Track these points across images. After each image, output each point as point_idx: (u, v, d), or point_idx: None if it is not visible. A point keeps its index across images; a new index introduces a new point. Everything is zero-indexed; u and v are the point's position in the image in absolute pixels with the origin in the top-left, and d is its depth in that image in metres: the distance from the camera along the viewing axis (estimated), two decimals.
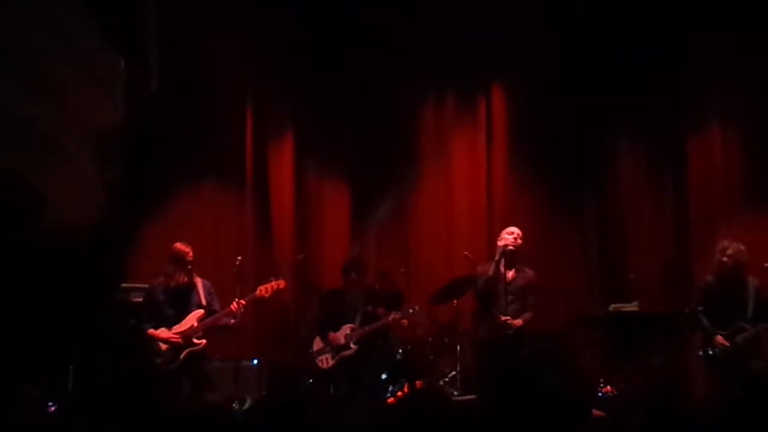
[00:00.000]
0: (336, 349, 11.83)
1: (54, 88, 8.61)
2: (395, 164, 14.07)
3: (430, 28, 13.96)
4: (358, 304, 12.02)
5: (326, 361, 11.84)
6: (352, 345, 11.79)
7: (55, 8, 8.14)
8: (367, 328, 11.85)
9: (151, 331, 11.01)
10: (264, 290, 11.38)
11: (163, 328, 10.92)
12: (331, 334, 11.86)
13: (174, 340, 10.90)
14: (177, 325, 10.91)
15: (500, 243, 11.23)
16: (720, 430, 4.20)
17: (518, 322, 11.09)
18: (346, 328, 11.86)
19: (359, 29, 13.98)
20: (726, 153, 13.85)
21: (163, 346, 10.89)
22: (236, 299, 11.03)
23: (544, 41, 13.85)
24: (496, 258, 11.08)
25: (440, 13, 13.94)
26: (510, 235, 11.15)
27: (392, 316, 11.83)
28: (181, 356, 10.82)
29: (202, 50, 13.41)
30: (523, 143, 14.05)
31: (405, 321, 11.93)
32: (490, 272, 11.13)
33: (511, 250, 11.00)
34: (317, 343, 11.97)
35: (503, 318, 10.99)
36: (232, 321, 11.12)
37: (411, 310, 12.00)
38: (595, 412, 4.78)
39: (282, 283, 11.59)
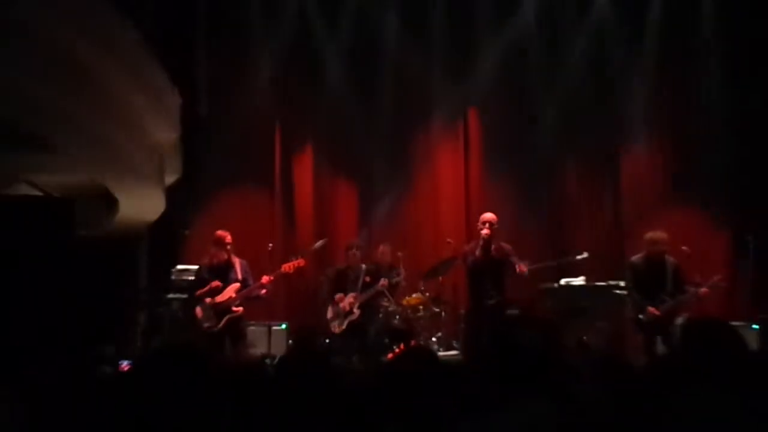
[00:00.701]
0: (344, 315, 11.81)
1: (125, 110, 8.61)
2: (393, 169, 14.00)
3: (420, 60, 13.91)
4: (359, 277, 11.97)
5: (337, 326, 11.82)
6: (355, 310, 11.79)
7: (127, 47, 8.13)
8: (365, 294, 11.81)
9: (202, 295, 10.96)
10: (287, 267, 11.30)
11: (208, 299, 10.89)
12: (338, 296, 11.84)
13: (218, 304, 10.82)
14: (218, 296, 10.86)
15: (482, 233, 11.09)
16: (649, 377, 4.17)
17: (524, 268, 10.89)
18: (350, 297, 11.83)
19: (364, 67, 13.95)
20: (651, 160, 13.94)
21: (202, 313, 10.84)
22: (266, 275, 11.00)
23: (512, 73, 13.84)
24: (481, 244, 10.94)
25: (427, 48, 13.91)
26: (483, 225, 11.01)
27: (381, 282, 11.81)
28: (223, 321, 10.78)
29: (241, 81, 13.41)
30: (493, 154, 14.00)
31: (385, 282, 11.79)
32: (477, 253, 10.97)
33: (487, 236, 10.88)
34: (329, 312, 11.93)
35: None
36: (264, 291, 11.04)
37: (393, 275, 12.01)
38: None
39: (302, 262, 11.53)
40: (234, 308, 10.87)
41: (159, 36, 11.21)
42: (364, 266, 12.08)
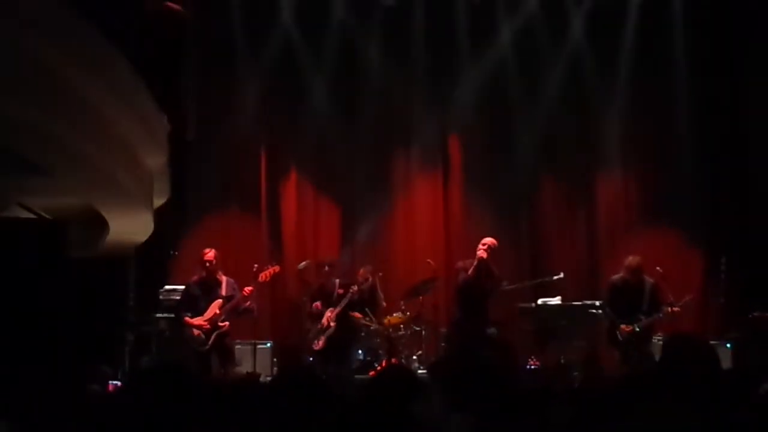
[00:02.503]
0: (322, 330, 11.81)
1: (115, 136, 8.61)
2: (374, 193, 14.02)
3: (402, 87, 13.96)
4: (333, 292, 11.99)
5: (318, 343, 11.82)
6: (331, 324, 11.79)
7: (118, 76, 8.14)
8: (339, 306, 11.83)
9: (187, 319, 10.94)
10: (264, 276, 11.51)
11: (198, 318, 10.88)
12: (315, 304, 11.94)
13: (204, 327, 10.83)
14: (204, 315, 10.89)
15: (478, 253, 11.19)
16: (624, 393, 4.20)
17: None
18: (327, 312, 11.85)
19: (346, 94, 14.02)
20: (625, 186, 14.07)
21: (196, 332, 10.83)
22: (245, 287, 11.10)
23: (490, 101, 13.90)
24: (475, 264, 11.05)
25: (409, 76, 13.96)
26: (482, 246, 11.15)
27: (352, 288, 11.91)
28: (211, 339, 10.79)
29: (227, 109, 13.45)
30: (472, 179, 14.05)
31: (355, 288, 11.91)
32: (470, 272, 11.09)
33: (482, 258, 11.00)
34: (310, 329, 11.99)
35: None
36: (248, 303, 11.11)
37: (362, 278, 12.19)
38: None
39: (277, 268, 11.82)
40: (220, 323, 10.88)
41: (147, 64, 11.22)
42: (337, 281, 12.11)
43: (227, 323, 10.92)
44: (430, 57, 13.90)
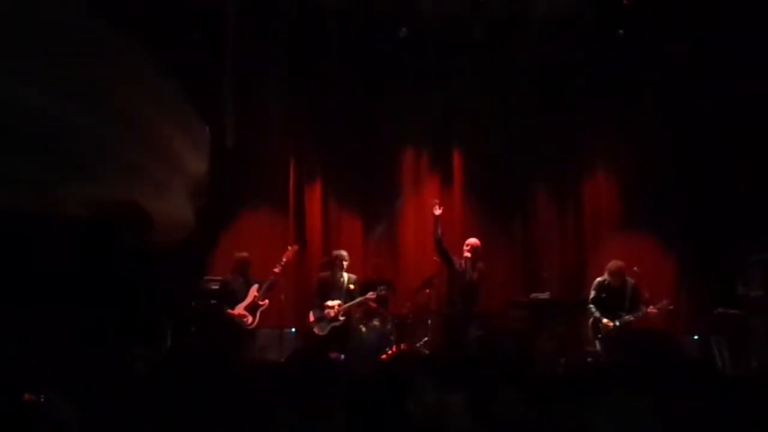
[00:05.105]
0: (329, 320, 11.72)
1: (159, 142, 8.63)
2: (389, 199, 14.04)
3: (414, 108, 13.94)
4: (343, 285, 11.89)
5: (320, 329, 11.73)
6: (340, 318, 11.71)
7: (161, 85, 8.15)
8: (349, 304, 11.76)
9: (230, 311, 11.57)
10: (286, 257, 11.96)
11: (239, 305, 11.59)
12: (326, 305, 11.78)
13: (243, 317, 11.56)
14: (242, 303, 11.55)
15: (464, 255, 11.26)
16: (606, 382, 4.19)
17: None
18: (336, 304, 11.75)
19: (370, 112, 13.99)
20: (608, 190, 13.98)
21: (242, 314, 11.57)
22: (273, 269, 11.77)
23: (489, 122, 13.86)
24: (462, 262, 11.07)
25: (423, 97, 13.90)
26: (466, 247, 11.16)
27: (369, 294, 11.78)
28: (257, 316, 11.61)
29: (262, 119, 13.44)
30: (473, 187, 14.02)
31: (373, 295, 11.81)
32: (457, 266, 11.13)
33: (467, 257, 11.00)
34: (311, 316, 11.86)
35: None
36: (277, 270, 11.80)
37: (380, 289, 11.95)
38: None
39: (295, 247, 12.32)
40: (260, 302, 11.62)
41: (193, 80, 11.25)
42: (347, 275, 11.98)
43: (267, 301, 11.71)
44: (441, 78, 13.83)
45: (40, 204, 7.83)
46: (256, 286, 11.67)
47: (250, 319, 11.54)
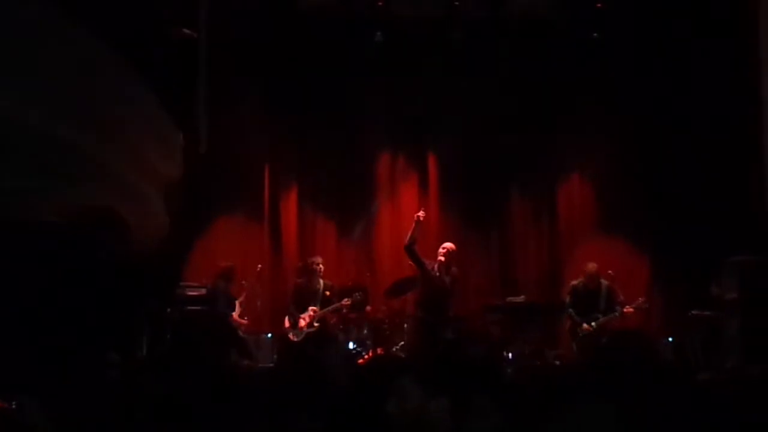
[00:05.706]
0: (304, 327, 11.65)
1: (134, 146, 8.57)
2: (364, 203, 14.06)
3: (389, 112, 13.98)
4: (318, 291, 11.80)
5: (295, 336, 11.65)
6: (315, 324, 11.64)
7: (136, 93, 8.12)
8: (325, 310, 11.67)
9: (234, 317, 11.92)
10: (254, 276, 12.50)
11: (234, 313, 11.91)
12: (302, 316, 11.66)
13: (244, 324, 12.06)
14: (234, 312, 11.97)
15: (438, 258, 11.11)
16: (582, 382, 4.20)
17: None
18: (310, 311, 11.69)
19: (344, 120, 14.01)
20: (583, 195, 14.07)
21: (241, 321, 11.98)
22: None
23: (464, 125, 13.88)
24: (436, 267, 10.89)
25: (398, 101, 13.95)
26: (441, 251, 11.02)
27: (344, 300, 11.72)
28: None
29: (236, 125, 13.38)
30: (449, 191, 14.05)
31: (348, 301, 11.74)
32: (429, 270, 10.89)
33: (441, 261, 10.87)
34: (286, 322, 11.78)
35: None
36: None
37: (356, 295, 11.88)
38: None
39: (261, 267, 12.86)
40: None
41: (166, 86, 11.20)
42: (322, 282, 11.89)
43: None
44: (416, 82, 13.88)
45: (15, 212, 7.77)
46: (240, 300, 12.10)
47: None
